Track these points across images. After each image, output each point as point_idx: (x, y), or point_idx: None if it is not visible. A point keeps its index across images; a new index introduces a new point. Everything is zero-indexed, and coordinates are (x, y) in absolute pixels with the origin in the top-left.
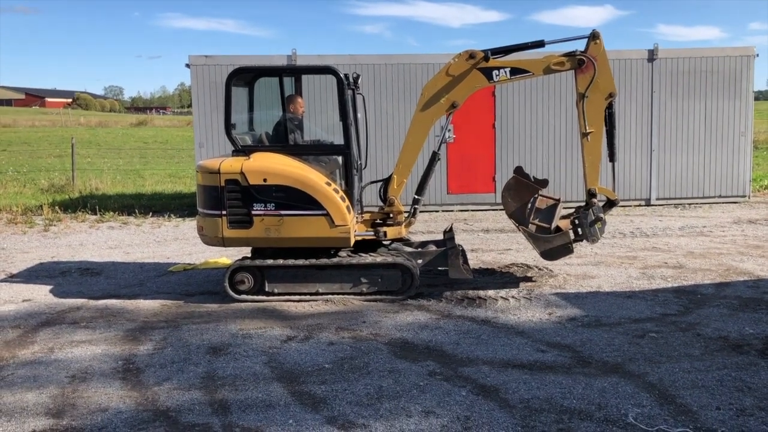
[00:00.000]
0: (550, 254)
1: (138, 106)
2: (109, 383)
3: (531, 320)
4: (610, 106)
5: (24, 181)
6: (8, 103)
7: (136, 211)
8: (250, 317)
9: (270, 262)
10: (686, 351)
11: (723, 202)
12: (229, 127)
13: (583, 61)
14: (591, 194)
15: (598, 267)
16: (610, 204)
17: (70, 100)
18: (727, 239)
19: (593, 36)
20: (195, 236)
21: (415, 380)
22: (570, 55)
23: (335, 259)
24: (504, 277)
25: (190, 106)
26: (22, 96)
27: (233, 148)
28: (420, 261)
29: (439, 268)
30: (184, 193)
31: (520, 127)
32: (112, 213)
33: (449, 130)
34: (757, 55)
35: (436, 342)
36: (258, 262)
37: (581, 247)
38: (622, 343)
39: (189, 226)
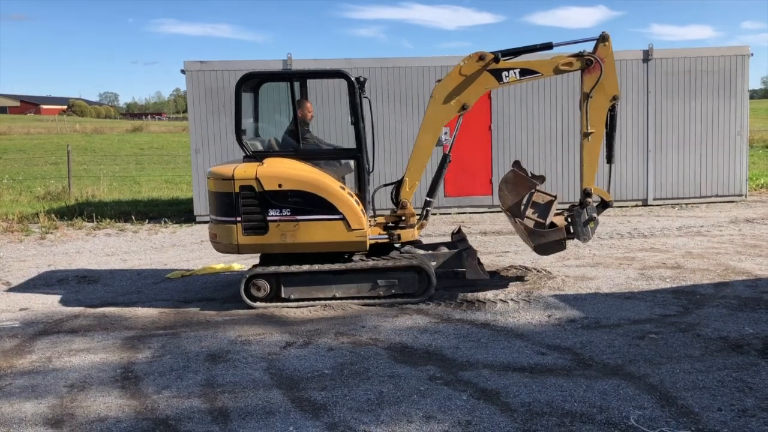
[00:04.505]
0: (543, 249)
1: (133, 112)
2: (108, 392)
3: (530, 323)
4: (612, 109)
5: (20, 189)
6: (3, 110)
7: (133, 217)
8: (249, 324)
9: (285, 268)
10: (686, 352)
11: (720, 202)
12: (239, 132)
13: (591, 61)
14: (586, 194)
15: (596, 268)
16: (604, 205)
17: (65, 107)
18: (725, 239)
19: (602, 38)
20: (192, 242)
21: (415, 385)
22: (578, 55)
23: (352, 264)
24: (502, 280)
25: (185, 111)
26: (17, 103)
27: (244, 154)
28: (434, 263)
29: (454, 270)
30: (181, 199)
31: (516, 129)
32: (108, 220)
33: (445, 133)
34: (752, 55)
35: (435, 346)
36: (273, 268)
37: (579, 249)
38: (622, 344)
39: (186, 232)
